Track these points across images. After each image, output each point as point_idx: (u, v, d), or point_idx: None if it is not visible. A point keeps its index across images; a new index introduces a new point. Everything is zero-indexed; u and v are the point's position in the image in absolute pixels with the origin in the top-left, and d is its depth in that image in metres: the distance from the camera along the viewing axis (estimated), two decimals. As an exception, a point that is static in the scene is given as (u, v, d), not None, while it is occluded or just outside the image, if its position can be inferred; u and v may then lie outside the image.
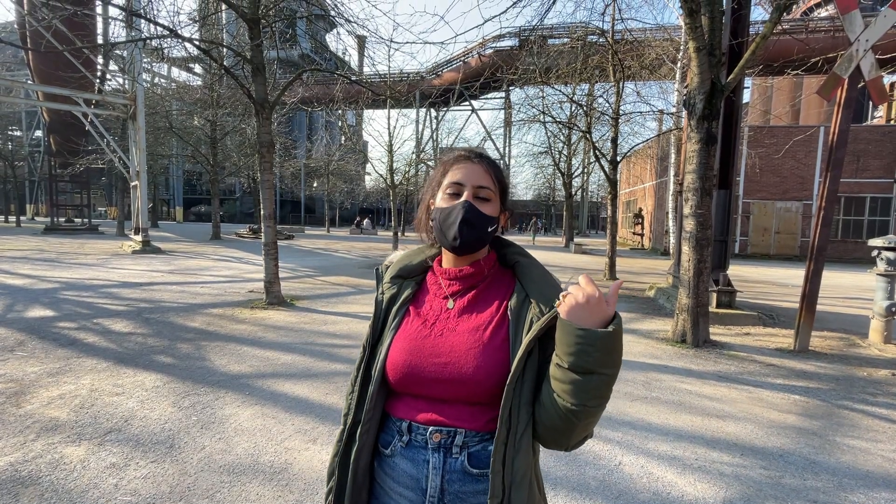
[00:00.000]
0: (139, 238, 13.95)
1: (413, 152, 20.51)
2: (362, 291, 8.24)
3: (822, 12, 33.33)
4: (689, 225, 5.23)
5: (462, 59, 35.15)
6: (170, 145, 25.52)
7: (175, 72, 28.48)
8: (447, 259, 0.95)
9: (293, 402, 3.24)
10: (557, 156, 22.19)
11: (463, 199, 0.86)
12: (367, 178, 43.99)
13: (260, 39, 6.03)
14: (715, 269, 6.64)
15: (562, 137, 20.88)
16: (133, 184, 15.06)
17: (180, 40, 6.02)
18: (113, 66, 18.22)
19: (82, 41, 11.82)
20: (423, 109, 40.36)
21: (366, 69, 28.16)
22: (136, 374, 3.72)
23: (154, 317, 5.69)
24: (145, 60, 14.23)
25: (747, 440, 2.96)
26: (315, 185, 43.85)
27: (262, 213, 6.72)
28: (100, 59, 16.54)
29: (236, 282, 8.79)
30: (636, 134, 28.71)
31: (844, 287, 10.71)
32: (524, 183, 49.53)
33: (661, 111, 15.73)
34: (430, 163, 31.45)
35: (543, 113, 13.26)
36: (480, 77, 23.37)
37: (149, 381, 3.55)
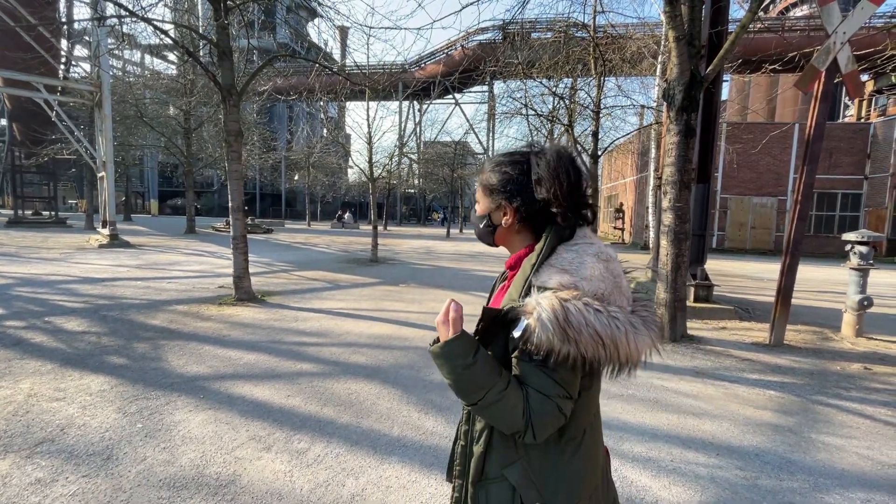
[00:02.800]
0: (107, 232, 13.38)
1: (395, 145, 20.21)
2: (339, 287, 8.01)
3: (798, 11, 34.02)
4: (667, 218, 5.16)
5: (446, 51, 34.81)
6: (143, 135, 24.60)
7: (152, 61, 27.45)
8: None
9: (251, 406, 3.04)
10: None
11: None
12: (349, 171, 43.40)
13: (222, 19, 5.70)
14: (693, 263, 6.62)
15: (544, 131, 20.83)
16: (100, 175, 14.42)
17: (138, 19, 5.66)
18: (81, 53, 17.41)
19: (42, 23, 11.18)
20: (406, 102, 39.89)
21: (347, 60, 27.63)
22: (83, 376, 3.45)
23: (112, 314, 5.38)
24: (112, 45, 13.57)
25: (723, 439, 2.88)
26: (296, 178, 43.06)
27: (229, 205, 6.43)
28: (64, 44, 15.75)
29: (207, 277, 8.46)
30: (617, 129, 28.81)
31: (817, 281, 10.91)
32: (507, 177, 49.41)
33: (643, 106, 15.78)
34: (412, 156, 31.18)
35: (526, 106, 13.14)
36: (464, 70, 23.12)
37: (95, 385, 3.29)
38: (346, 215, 33.12)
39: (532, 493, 0.89)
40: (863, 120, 25.68)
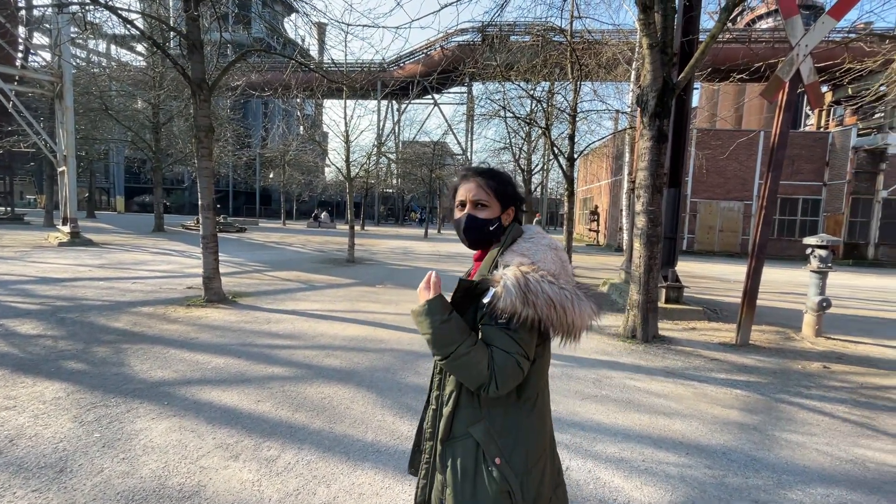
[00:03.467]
0: (67, 229, 12.75)
1: (373, 144, 20.01)
2: (314, 287, 7.86)
3: (764, 24, 35.43)
4: (640, 221, 5.27)
5: (425, 51, 34.75)
6: (108, 129, 23.56)
7: (118, 52, 26.34)
8: None
9: (218, 412, 2.92)
10: (517, 152, 22.35)
11: (465, 212, 1.18)
12: (326, 170, 42.77)
13: (192, 11, 5.51)
14: (664, 265, 6.79)
15: (521, 134, 21.04)
16: (60, 169, 13.74)
17: (101, 7, 5.40)
18: (42, 41, 16.54)
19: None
20: (385, 101, 39.60)
21: (324, 57, 27.20)
22: (36, 383, 3.26)
23: (71, 316, 5.12)
24: (75, 34, 12.95)
25: (693, 438, 2.94)
26: (271, 175, 42.15)
27: (199, 203, 6.21)
28: (21, 31, 14.95)
29: (175, 277, 8.16)
30: (593, 132, 29.43)
31: (779, 283, 11.37)
32: (486, 179, 49.71)
33: (617, 111, 16.12)
34: (391, 156, 30.95)
35: (504, 108, 13.23)
36: (443, 71, 23.11)
37: (49, 392, 3.11)
38: (323, 215, 32.62)
39: (493, 448, 1.05)
40: (822, 129, 26.95)
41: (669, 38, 4.96)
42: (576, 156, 11.73)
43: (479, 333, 1.05)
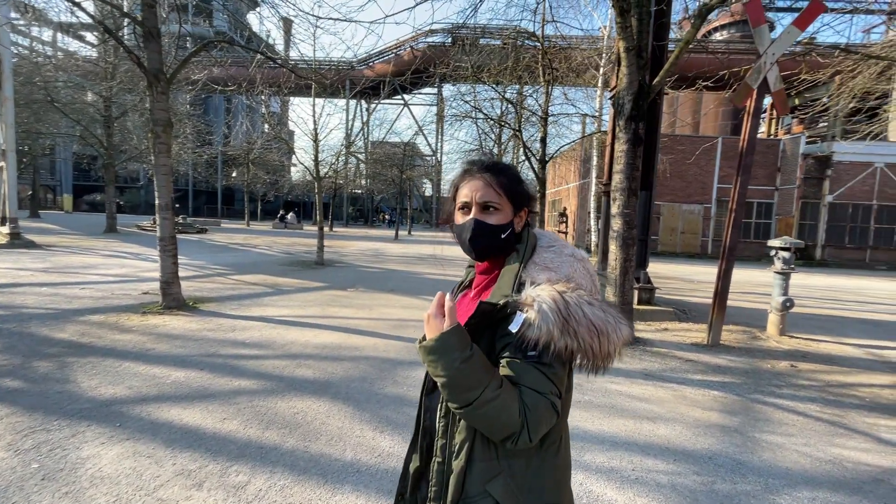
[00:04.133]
0: (6, 230, 11.74)
1: (342, 143, 19.57)
2: (282, 292, 7.51)
3: (718, 35, 37.15)
4: (616, 224, 5.29)
5: (395, 51, 34.45)
6: (54, 123, 21.96)
7: (65, 40, 24.61)
8: None
9: (179, 433, 2.66)
10: (488, 154, 22.44)
11: (471, 216, 0.97)
12: (292, 169, 41.64)
13: (148, -4, 5.12)
14: (637, 267, 6.89)
15: (492, 135, 21.14)
16: (-2, 165, 12.63)
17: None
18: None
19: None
20: (354, 100, 39.00)
21: (291, 52, 26.44)
22: (-37, 406, 2.87)
23: (8, 327, 4.62)
24: (14, 19, 11.96)
25: (678, 443, 2.92)
26: (234, 174, 40.62)
27: (156, 202, 5.79)
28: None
29: (129, 282, 7.61)
30: (562, 136, 29.92)
31: (738, 283, 11.85)
32: (456, 180, 49.91)
33: (585, 115, 16.45)
34: (360, 156, 30.46)
35: (476, 109, 13.20)
36: (415, 71, 22.95)
37: (-22, 416, 2.74)
38: (289, 215, 31.71)
39: None
40: (772, 137, 28.52)
41: (644, 42, 5.01)
42: (547, 158, 11.83)
43: (500, 368, 0.86)
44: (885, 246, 20.19)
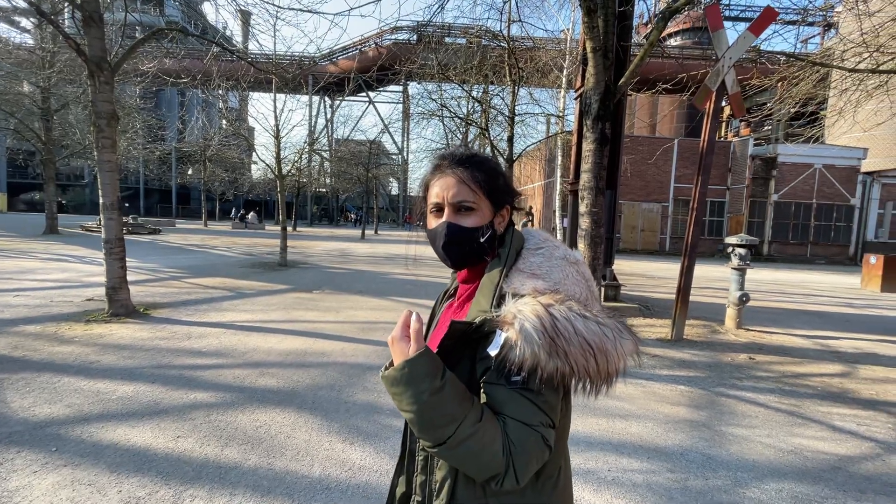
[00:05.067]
0: (-74, 232, 10.62)
1: (305, 141, 19.02)
2: (243, 295, 7.15)
3: (673, 41, 38.74)
4: (584, 223, 5.35)
5: (359, 47, 33.86)
6: (-17, 115, 20.12)
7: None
8: None
9: (125, 456, 2.42)
10: (461, 146, 22.45)
11: (444, 219, 0.86)
12: (253, 167, 40.19)
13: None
14: (603, 265, 7.02)
15: (459, 134, 21.16)
16: (-84, 160, 11.42)
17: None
18: None
19: None
20: (317, 97, 38.09)
21: (250, 45, 25.42)
22: None
23: (-75, 342, 4.13)
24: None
25: (650, 440, 2.94)
26: (189, 172, 38.75)
27: (101, 201, 5.36)
28: None
29: (71, 287, 7.03)
30: (528, 135, 30.35)
31: (696, 278, 12.33)
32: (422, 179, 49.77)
33: (549, 115, 16.71)
34: (324, 153, 29.72)
35: (443, 107, 13.12)
36: (380, 68, 22.62)
37: None
38: (250, 215, 30.57)
39: None
40: (722, 139, 30.06)
41: (610, 43, 5.08)
42: (514, 157, 11.92)
43: (481, 395, 0.74)
44: (824, 241, 21.69)
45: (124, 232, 5.58)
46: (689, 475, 2.55)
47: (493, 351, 0.70)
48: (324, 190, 43.25)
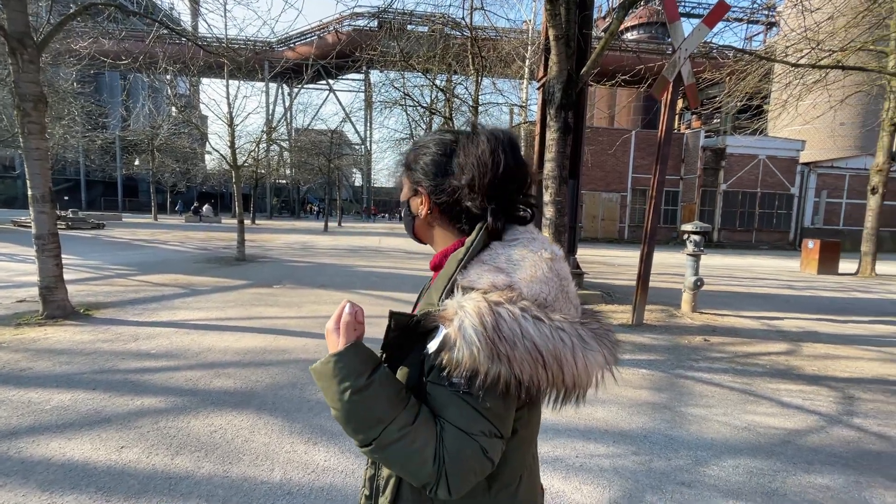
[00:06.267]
0: None
1: (262, 129, 18.22)
2: (197, 292, 6.77)
3: (629, 35, 39.83)
4: (548, 212, 5.39)
5: (318, 32, 32.76)
6: None
7: None
8: None
9: (61, 472, 2.20)
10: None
11: None
12: (207, 157, 38.26)
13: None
14: (567, 253, 7.13)
15: (423, 124, 20.91)
16: None
17: None
18: None
19: None
20: (274, 83, 36.62)
21: (200, 27, 24.00)
22: None
23: None
24: None
25: (615, 424, 2.99)
26: (136, 163, 36.40)
27: (30, 193, 4.89)
28: None
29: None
30: (491, 125, 30.46)
31: (652, 265, 12.86)
32: (386, 170, 49.10)
33: (513, 105, 16.81)
34: (283, 143, 28.68)
35: (406, 96, 12.89)
36: (340, 55, 21.96)
37: None
38: (205, 208, 29.15)
39: None
40: (675, 131, 31.36)
41: (572, 31, 5.08)
42: (479, 147, 11.89)
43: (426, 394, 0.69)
44: (767, 228, 23.12)
45: (63, 227, 5.12)
46: (653, 457, 2.61)
47: (431, 347, 0.65)
48: (284, 181, 41.86)
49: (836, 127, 23.81)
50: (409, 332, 0.69)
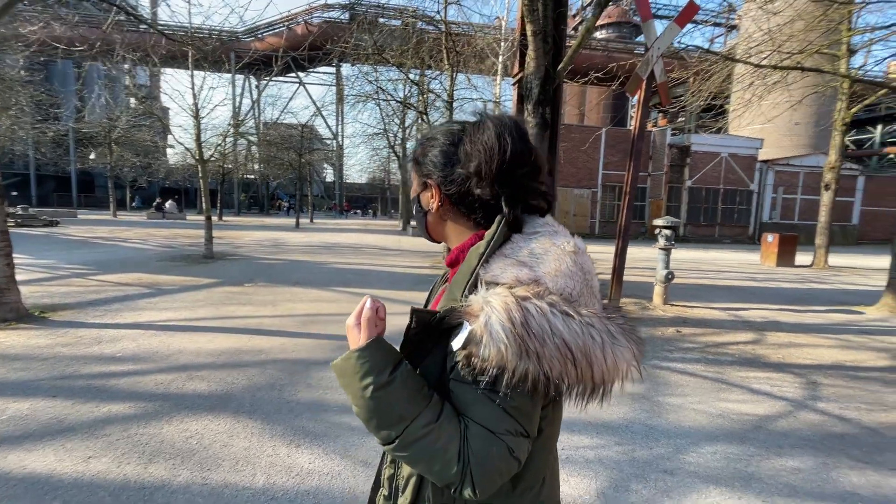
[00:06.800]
0: None
1: (229, 123, 17.59)
2: (163, 292, 6.48)
3: (599, 34, 40.63)
4: (527, 207, 5.41)
5: (287, 23, 31.88)
6: None
7: None
8: None
9: (20, 487, 2.04)
10: (392, 138, 21.99)
11: None
12: (170, 151, 36.69)
13: None
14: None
15: (396, 119, 20.70)
16: None
17: None
18: None
19: None
20: (241, 75, 35.44)
21: (162, 14, 22.91)
22: None
23: None
24: None
25: (597, 416, 3.04)
26: (92, 156, 34.52)
27: (-24, 188, 4.53)
28: None
29: (-58, 291, 5.94)
30: (464, 122, 30.49)
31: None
32: (359, 165, 48.48)
33: (487, 101, 16.84)
34: (251, 137, 27.79)
35: (381, 90, 12.71)
36: (309, 47, 21.44)
37: None
38: (168, 204, 27.98)
39: None
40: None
41: (549, 27, 5.11)
42: (454, 143, 11.87)
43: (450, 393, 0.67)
44: (729, 223, 24.13)
45: (13, 224, 4.77)
46: (636, 446, 2.67)
47: (456, 345, 0.63)
48: (252, 176, 40.64)
49: (792, 126, 25.08)
50: (431, 330, 0.67)
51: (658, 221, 6.67)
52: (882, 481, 2.40)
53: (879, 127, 34.47)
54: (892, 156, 33.21)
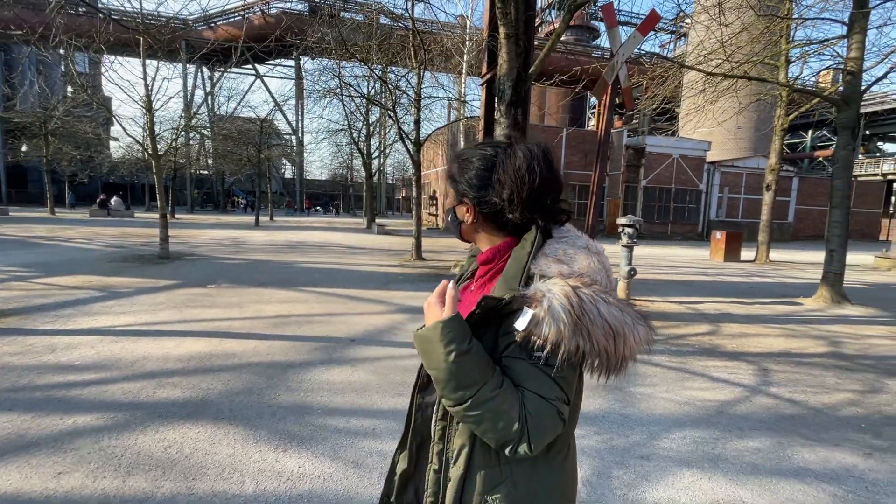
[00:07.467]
0: None
1: (181, 116, 16.69)
2: (119, 295, 6.11)
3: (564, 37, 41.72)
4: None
5: (243, 13, 30.62)
6: None
7: None
8: None
9: (-15, 508, 1.90)
10: (357, 134, 21.61)
11: None
12: (113, 144, 34.39)
13: None
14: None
15: (360, 115, 20.37)
16: None
17: None
18: None
19: None
20: (193, 66, 33.73)
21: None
22: None
23: None
24: None
25: (575, 407, 3.17)
26: (24, 148, 31.76)
27: None
28: None
29: None
30: (432, 119, 30.50)
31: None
32: (320, 161, 47.30)
33: (454, 99, 16.93)
34: (205, 131, 26.51)
35: (347, 85, 12.47)
36: (266, 38, 20.74)
37: None
38: (113, 200, 26.21)
39: None
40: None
41: (521, 30, 5.23)
42: (422, 141, 11.84)
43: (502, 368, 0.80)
44: (680, 221, 25.50)
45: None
46: (613, 435, 2.81)
47: (520, 326, 0.75)
48: (206, 172, 38.80)
49: (736, 130, 26.79)
50: (491, 314, 0.79)
51: (621, 220, 6.96)
52: (829, 456, 2.66)
53: (810, 132, 37.52)
54: (821, 159, 36.25)
